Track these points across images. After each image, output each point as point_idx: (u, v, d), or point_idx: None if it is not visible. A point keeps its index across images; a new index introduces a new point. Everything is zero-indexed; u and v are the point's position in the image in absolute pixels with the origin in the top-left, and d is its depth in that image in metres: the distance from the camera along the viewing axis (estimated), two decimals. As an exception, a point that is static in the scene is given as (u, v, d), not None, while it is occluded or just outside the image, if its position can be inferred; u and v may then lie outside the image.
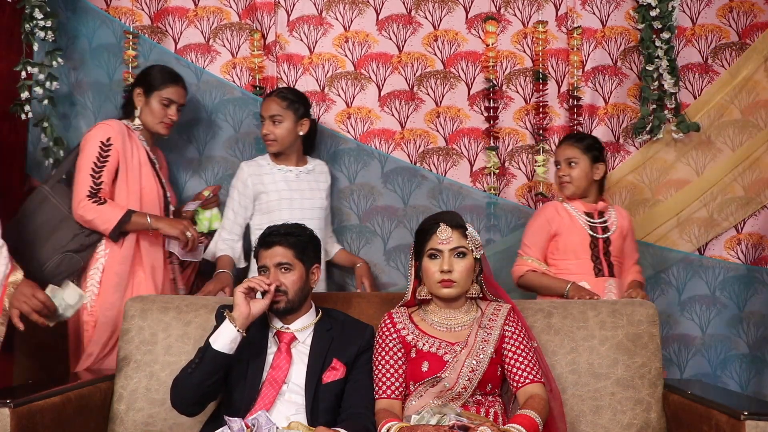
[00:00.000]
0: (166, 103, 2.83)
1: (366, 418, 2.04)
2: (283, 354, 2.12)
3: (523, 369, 2.07)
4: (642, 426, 2.27)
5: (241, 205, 2.94)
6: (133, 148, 2.78)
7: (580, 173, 2.81)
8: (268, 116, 2.89)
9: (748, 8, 3.21)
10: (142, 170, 2.78)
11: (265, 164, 2.96)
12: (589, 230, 2.80)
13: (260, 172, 2.93)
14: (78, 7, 3.14)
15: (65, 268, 2.66)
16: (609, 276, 2.78)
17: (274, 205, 2.89)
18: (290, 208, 2.88)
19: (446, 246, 2.08)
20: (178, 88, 2.86)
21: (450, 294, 2.10)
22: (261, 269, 2.16)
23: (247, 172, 2.93)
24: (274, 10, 3.25)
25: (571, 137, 2.92)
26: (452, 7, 3.27)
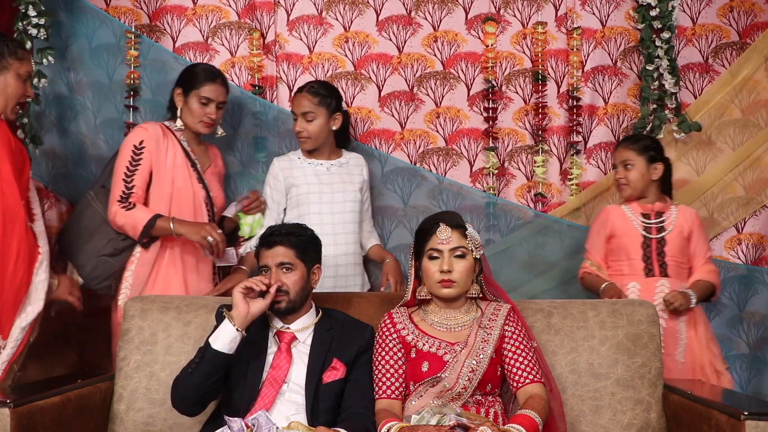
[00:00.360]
0: (204, 101, 2.77)
1: (366, 418, 2.04)
2: (283, 354, 2.12)
3: (523, 369, 2.07)
4: (642, 426, 2.27)
5: (273, 200, 2.92)
6: (169, 149, 2.75)
7: (636, 175, 2.81)
8: (300, 113, 2.84)
9: (749, 8, 3.21)
10: (176, 172, 2.74)
11: (295, 158, 2.93)
12: (643, 231, 2.79)
13: (291, 166, 2.91)
14: (77, 7, 3.13)
15: (100, 272, 2.68)
16: (661, 276, 2.76)
17: (303, 199, 2.86)
18: (319, 202, 2.84)
19: (446, 246, 2.08)
20: (215, 86, 2.79)
21: (450, 294, 2.10)
22: (262, 269, 2.16)
23: (278, 167, 2.91)
24: (273, 10, 3.25)
25: (628, 139, 2.91)
26: (452, 8, 3.26)
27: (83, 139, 3.16)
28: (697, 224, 2.84)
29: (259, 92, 3.20)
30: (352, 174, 2.94)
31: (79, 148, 3.16)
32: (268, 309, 2.13)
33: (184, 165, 2.77)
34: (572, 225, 3.13)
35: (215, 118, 2.81)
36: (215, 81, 2.79)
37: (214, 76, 2.81)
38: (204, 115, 2.78)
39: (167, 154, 2.74)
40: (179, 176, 2.75)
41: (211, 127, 2.82)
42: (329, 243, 2.72)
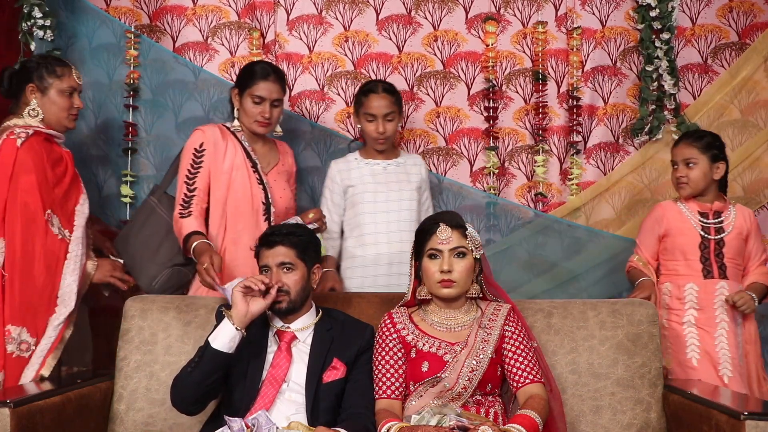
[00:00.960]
0: (257, 101, 2.69)
1: (366, 418, 2.04)
2: (283, 353, 2.12)
3: (523, 369, 2.07)
4: (642, 426, 2.27)
5: (333, 202, 2.90)
6: (228, 151, 2.69)
7: (698, 174, 2.68)
8: (382, 115, 2.82)
9: (748, 8, 3.21)
10: (233, 174, 2.68)
11: (353, 159, 2.93)
12: (701, 231, 2.68)
13: (348, 167, 2.90)
14: (78, 7, 3.13)
15: (174, 282, 2.68)
16: (720, 278, 2.66)
17: (358, 198, 2.85)
18: (374, 201, 2.84)
19: (446, 246, 2.08)
20: (268, 84, 2.69)
21: (450, 294, 2.10)
22: (263, 269, 2.16)
23: (336, 169, 2.90)
24: (273, 9, 3.25)
25: (689, 135, 2.76)
26: (452, 8, 3.27)
27: (83, 139, 3.16)
28: (755, 225, 2.75)
29: (258, 92, 3.20)
30: (409, 173, 2.92)
31: (79, 148, 3.15)
32: (269, 309, 2.13)
33: (243, 166, 2.69)
34: (572, 225, 3.14)
35: (270, 117, 2.72)
36: (268, 78, 2.70)
37: (267, 73, 2.71)
38: (258, 114, 2.70)
39: (225, 156, 2.68)
40: (238, 178, 2.68)
41: (267, 126, 2.73)
42: (383, 241, 2.78)
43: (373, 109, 2.83)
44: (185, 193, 2.62)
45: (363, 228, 2.84)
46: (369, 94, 2.85)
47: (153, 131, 3.19)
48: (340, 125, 3.24)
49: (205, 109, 3.20)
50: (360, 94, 2.89)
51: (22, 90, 2.57)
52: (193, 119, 3.18)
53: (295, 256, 2.15)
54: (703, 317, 2.63)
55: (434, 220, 2.15)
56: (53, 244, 2.45)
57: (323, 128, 3.20)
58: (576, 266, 3.09)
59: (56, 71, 2.59)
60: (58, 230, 2.47)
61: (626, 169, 3.18)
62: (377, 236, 2.57)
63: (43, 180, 2.45)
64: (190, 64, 3.20)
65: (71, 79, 2.62)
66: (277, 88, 2.72)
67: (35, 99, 2.56)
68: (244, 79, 2.72)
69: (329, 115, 3.25)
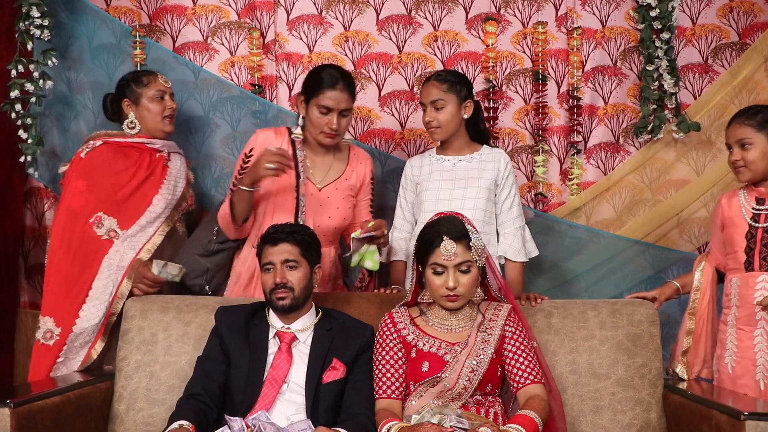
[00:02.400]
0: (324, 111, 2.54)
1: (366, 418, 2.04)
2: (283, 353, 2.12)
3: (523, 369, 2.07)
4: (642, 426, 2.27)
5: (406, 200, 2.77)
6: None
7: (756, 155, 2.36)
8: (429, 102, 2.63)
9: (748, 8, 3.21)
10: (275, 182, 2.57)
11: (427, 156, 2.78)
12: (750, 219, 2.39)
13: (421, 164, 2.76)
14: (77, 7, 3.13)
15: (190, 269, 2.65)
16: (762, 271, 2.35)
17: (423, 196, 2.70)
18: (436, 199, 2.67)
19: (451, 262, 2.05)
20: (336, 92, 2.53)
21: (455, 306, 2.10)
22: (266, 266, 2.16)
23: (409, 165, 2.78)
24: (273, 9, 3.25)
25: (742, 113, 2.44)
26: (452, 8, 3.26)
27: (83, 139, 3.15)
28: None
29: (258, 91, 3.20)
30: (482, 170, 2.68)
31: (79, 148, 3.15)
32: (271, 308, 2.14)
33: (287, 178, 2.58)
34: (573, 225, 3.13)
35: (338, 128, 2.57)
36: (336, 87, 2.54)
37: (335, 81, 2.55)
38: (325, 126, 2.55)
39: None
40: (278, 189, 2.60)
41: (334, 138, 2.59)
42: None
43: (422, 97, 2.69)
44: (232, 188, 2.61)
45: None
46: (424, 84, 2.70)
47: (153, 131, 3.19)
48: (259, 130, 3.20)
49: (205, 108, 3.19)
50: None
51: (121, 108, 2.77)
52: (193, 119, 3.18)
53: (299, 253, 2.16)
54: (743, 315, 2.36)
55: (437, 230, 2.09)
56: (93, 244, 2.55)
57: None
58: (576, 266, 3.09)
59: (143, 80, 2.76)
60: (106, 231, 2.57)
61: (627, 169, 3.18)
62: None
63: (97, 185, 2.61)
64: (190, 64, 3.20)
65: (158, 84, 2.76)
66: (346, 96, 2.56)
67: (132, 112, 2.75)
68: (310, 87, 2.58)
69: (329, 115, 3.24)
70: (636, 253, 3.09)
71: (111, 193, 2.62)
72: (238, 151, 3.18)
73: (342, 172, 2.70)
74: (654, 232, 3.14)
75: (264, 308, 2.23)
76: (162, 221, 2.70)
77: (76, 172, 2.64)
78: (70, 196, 2.61)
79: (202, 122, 3.20)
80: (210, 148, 3.20)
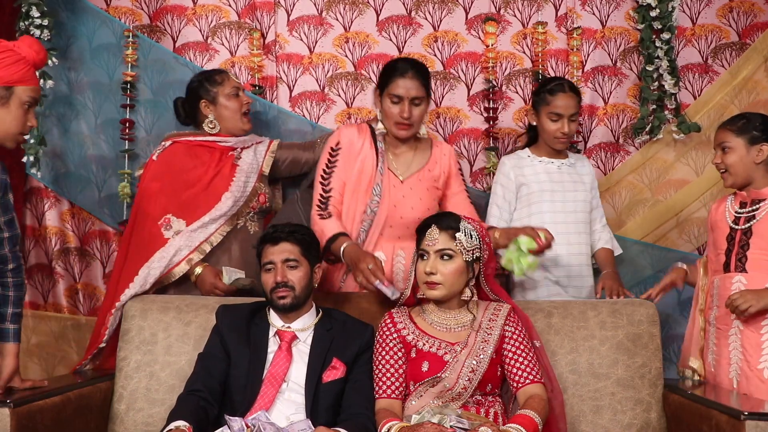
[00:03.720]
0: (395, 100, 2.49)
1: (366, 417, 2.04)
2: (283, 352, 2.13)
3: (523, 369, 2.07)
4: (642, 426, 2.27)
5: (505, 199, 2.79)
6: (361, 152, 2.56)
7: (735, 159, 2.42)
8: (568, 115, 2.71)
9: (748, 8, 3.21)
10: (361, 178, 2.55)
11: (525, 156, 2.83)
12: (731, 222, 2.45)
13: (521, 164, 2.80)
14: (78, 7, 3.13)
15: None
16: (737, 272, 2.39)
17: (535, 197, 2.75)
18: (552, 200, 2.74)
19: (432, 247, 2.09)
20: (406, 81, 2.48)
21: (434, 296, 2.10)
22: (266, 265, 2.17)
23: (509, 165, 2.80)
24: (273, 10, 3.25)
25: (729, 119, 2.52)
26: (452, 8, 3.26)
27: (84, 139, 3.16)
28: None
29: (259, 92, 3.20)
30: (581, 174, 2.84)
31: (79, 148, 3.16)
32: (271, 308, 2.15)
33: (370, 171, 2.55)
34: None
35: (410, 117, 2.50)
36: (406, 75, 2.49)
37: (405, 69, 2.51)
38: (397, 115, 2.50)
39: (357, 159, 2.56)
40: (363, 183, 2.56)
41: (408, 128, 2.53)
42: (563, 243, 2.66)
43: (559, 108, 2.71)
44: (321, 194, 2.54)
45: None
46: (556, 93, 2.72)
47: (153, 131, 3.19)
48: (341, 125, 3.23)
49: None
50: (544, 92, 2.75)
51: (198, 110, 2.80)
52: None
53: (299, 253, 2.17)
54: (720, 314, 2.42)
55: (431, 221, 2.15)
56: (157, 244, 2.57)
57: (324, 129, 3.20)
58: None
59: (216, 79, 2.80)
60: (173, 234, 2.60)
61: (626, 169, 3.18)
62: (557, 237, 2.46)
63: (168, 186, 2.65)
64: (190, 64, 3.20)
65: (231, 81, 2.80)
66: (416, 84, 2.50)
67: (210, 113, 2.78)
68: (383, 78, 2.56)
69: (329, 116, 3.24)
70: (636, 253, 3.09)
71: (180, 193, 2.64)
72: (238, 151, 3.19)
73: (425, 163, 2.63)
74: (653, 232, 3.14)
75: (264, 308, 2.23)
76: (225, 220, 2.67)
77: (150, 174, 2.69)
78: (144, 199, 2.66)
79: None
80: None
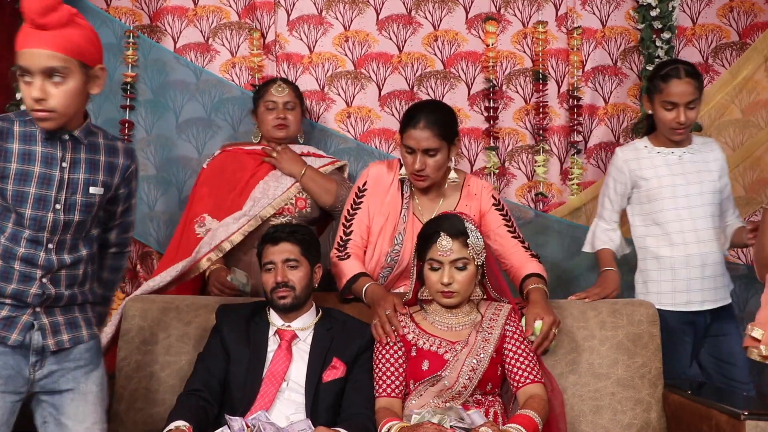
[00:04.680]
0: (408, 150, 2.35)
1: (366, 417, 2.04)
2: (283, 351, 2.13)
3: (523, 369, 2.07)
4: (642, 426, 2.27)
5: (617, 192, 2.64)
6: (389, 194, 2.46)
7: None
8: (684, 103, 2.49)
9: (749, 8, 3.21)
10: (387, 219, 2.44)
11: (642, 147, 2.63)
12: None
13: (637, 156, 2.61)
14: (78, 7, 3.07)
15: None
16: None
17: (655, 192, 2.56)
18: (673, 196, 2.54)
19: (446, 258, 2.07)
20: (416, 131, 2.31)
21: (451, 303, 2.10)
22: (267, 265, 2.17)
23: (623, 158, 2.62)
24: (273, 10, 3.25)
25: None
26: (452, 8, 3.26)
27: (83, 139, 3.16)
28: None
29: (259, 93, 3.20)
30: (707, 161, 2.60)
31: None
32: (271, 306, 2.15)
33: (395, 217, 2.44)
34: (573, 225, 3.13)
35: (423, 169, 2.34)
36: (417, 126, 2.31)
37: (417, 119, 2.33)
38: (410, 166, 2.36)
39: (385, 198, 2.45)
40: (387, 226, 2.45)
41: (424, 180, 2.37)
42: (692, 241, 2.52)
43: (674, 96, 2.50)
44: (341, 235, 2.45)
45: (667, 226, 2.56)
46: (670, 80, 2.51)
47: (153, 131, 3.20)
48: (341, 125, 3.24)
49: (207, 110, 3.20)
50: (657, 78, 2.54)
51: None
52: (194, 120, 3.19)
53: (299, 253, 2.17)
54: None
55: (436, 227, 2.11)
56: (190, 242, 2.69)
57: (324, 128, 3.20)
58: (576, 266, 3.09)
59: (260, 91, 2.93)
60: (205, 231, 2.71)
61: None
62: (684, 235, 2.38)
63: (213, 191, 2.80)
64: (191, 65, 3.20)
65: (269, 94, 2.88)
66: (428, 135, 2.30)
67: (255, 123, 2.96)
68: (401, 125, 2.40)
69: (330, 115, 3.25)
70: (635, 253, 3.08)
71: (223, 196, 2.77)
72: (239, 152, 3.19)
73: (453, 206, 2.44)
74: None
75: (264, 307, 2.23)
76: (248, 220, 2.69)
77: (200, 180, 2.86)
78: (193, 202, 2.82)
79: (204, 123, 3.21)
80: (213, 149, 3.19)
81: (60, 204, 1.78)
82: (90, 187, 1.82)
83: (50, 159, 1.77)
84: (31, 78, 1.67)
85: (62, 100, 1.69)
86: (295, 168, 2.78)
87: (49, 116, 1.69)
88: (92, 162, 1.84)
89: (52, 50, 1.66)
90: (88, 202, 1.83)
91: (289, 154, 2.81)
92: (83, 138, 1.81)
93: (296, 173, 2.78)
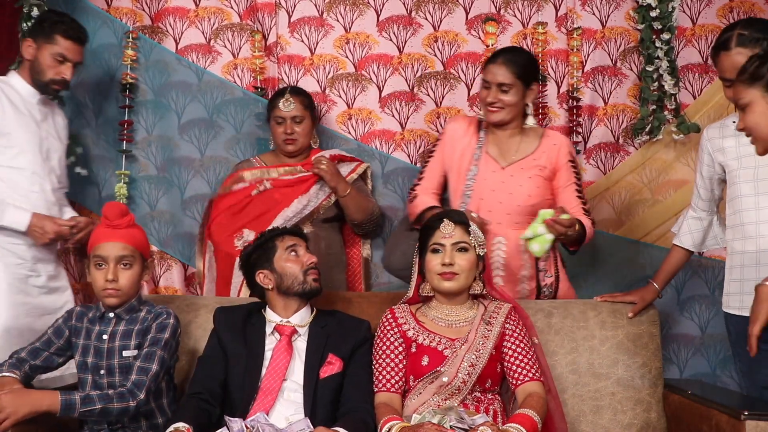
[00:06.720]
0: (486, 85, 2.55)
1: (365, 411, 2.04)
2: (283, 345, 2.14)
3: (522, 367, 2.08)
4: (642, 426, 2.27)
5: (702, 175, 2.39)
6: (463, 141, 2.63)
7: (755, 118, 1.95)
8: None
9: (748, 8, 3.20)
10: (462, 162, 2.61)
11: (730, 123, 2.29)
12: None
13: (722, 134, 2.32)
14: (78, 7, 3.14)
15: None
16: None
17: (734, 176, 2.27)
18: (754, 179, 2.22)
19: (448, 240, 2.12)
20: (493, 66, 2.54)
21: (451, 288, 2.11)
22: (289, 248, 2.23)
23: (707, 136, 2.36)
24: (275, 11, 3.26)
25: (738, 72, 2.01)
26: (452, 8, 3.26)
27: (83, 139, 3.17)
28: None
29: (261, 94, 3.21)
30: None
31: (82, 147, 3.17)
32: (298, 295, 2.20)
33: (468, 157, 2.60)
34: (572, 225, 3.13)
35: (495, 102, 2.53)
36: (494, 61, 2.54)
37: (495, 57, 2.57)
38: (484, 99, 2.56)
39: (459, 146, 2.62)
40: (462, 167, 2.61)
41: (498, 111, 2.54)
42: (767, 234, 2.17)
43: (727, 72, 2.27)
44: (415, 181, 2.72)
45: (742, 215, 2.23)
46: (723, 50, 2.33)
47: (155, 132, 3.21)
48: (342, 127, 3.24)
49: (208, 111, 3.21)
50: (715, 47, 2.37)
51: None
52: (196, 121, 3.20)
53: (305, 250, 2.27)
54: None
55: (439, 216, 2.18)
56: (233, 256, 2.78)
57: (326, 129, 3.21)
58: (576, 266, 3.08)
59: (272, 103, 2.98)
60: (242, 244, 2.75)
61: (626, 169, 3.17)
62: (759, 226, 2.11)
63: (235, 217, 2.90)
64: (193, 66, 3.21)
65: (277, 109, 2.92)
66: (503, 71, 2.51)
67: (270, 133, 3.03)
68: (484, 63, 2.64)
69: (331, 116, 3.25)
70: (635, 252, 3.09)
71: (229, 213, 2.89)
72: (242, 153, 3.20)
73: (530, 152, 2.57)
74: (653, 232, 3.14)
75: (261, 308, 2.25)
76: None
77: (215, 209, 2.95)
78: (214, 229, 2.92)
79: (206, 124, 3.21)
80: (214, 150, 3.21)
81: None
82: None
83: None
84: (105, 265, 2.10)
85: (128, 281, 2.12)
86: (341, 185, 2.88)
87: (116, 294, 2.10)
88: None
89: (124, 242, 2.11)
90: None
91: (335, 169, 2.90)
92: (124, 314, 2.16)
93: (341, 191, 2.88)
